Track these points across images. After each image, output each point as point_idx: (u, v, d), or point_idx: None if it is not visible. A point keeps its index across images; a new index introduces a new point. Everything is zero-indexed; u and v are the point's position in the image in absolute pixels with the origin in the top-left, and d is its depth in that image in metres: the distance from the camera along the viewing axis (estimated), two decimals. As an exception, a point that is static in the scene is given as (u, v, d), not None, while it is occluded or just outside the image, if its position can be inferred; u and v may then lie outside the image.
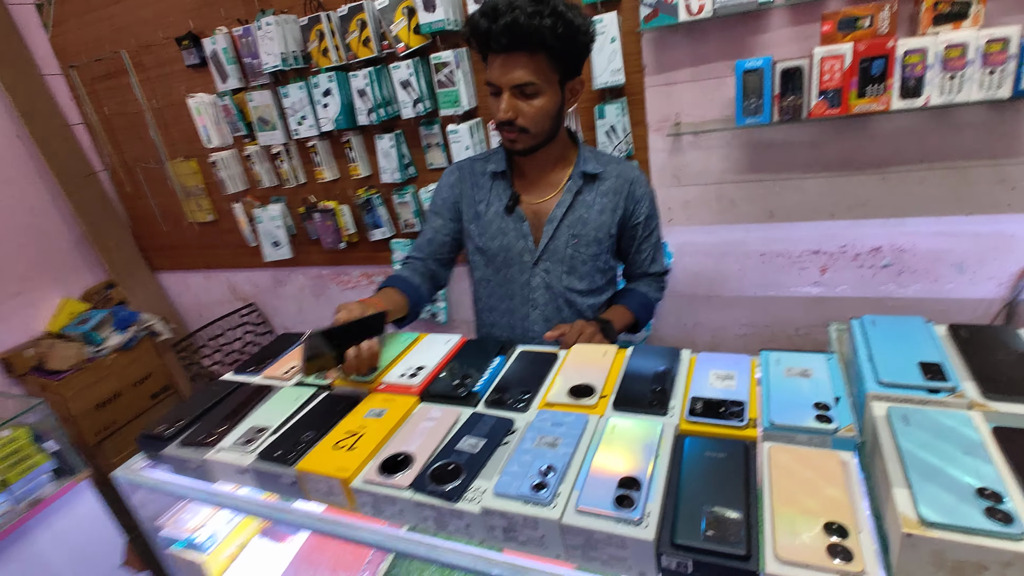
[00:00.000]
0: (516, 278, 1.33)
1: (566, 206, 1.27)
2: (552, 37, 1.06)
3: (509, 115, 1.13)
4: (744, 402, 0.85)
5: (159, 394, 2.99)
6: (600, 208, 1.27)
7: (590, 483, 0.74)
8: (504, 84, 1.11)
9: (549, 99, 1.14)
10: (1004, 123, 1.52)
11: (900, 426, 0.68)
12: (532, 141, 1.18)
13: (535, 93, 1.12)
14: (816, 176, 1.75)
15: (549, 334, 1.17)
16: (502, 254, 1.32)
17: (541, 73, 1.11)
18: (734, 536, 0.63)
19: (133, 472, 1.11)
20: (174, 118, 2.63)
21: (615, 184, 1.28)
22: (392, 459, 0.87)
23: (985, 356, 0.78)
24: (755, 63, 1.52)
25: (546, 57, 1.10)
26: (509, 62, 1.09)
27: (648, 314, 1.40)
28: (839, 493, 0.67)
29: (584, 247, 1.29)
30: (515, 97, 1.12)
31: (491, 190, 1.32)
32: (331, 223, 2.44)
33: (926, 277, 1.75)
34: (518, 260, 1.31)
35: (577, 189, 1.27)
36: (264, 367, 1.26)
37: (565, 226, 1.28)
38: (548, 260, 1.30)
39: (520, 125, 1.14)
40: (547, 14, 1.04)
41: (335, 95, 2.13)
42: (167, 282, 3.22)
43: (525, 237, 1.29)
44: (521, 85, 1.10)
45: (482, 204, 1.32)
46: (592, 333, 1.18)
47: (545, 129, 1.18)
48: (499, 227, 1.31)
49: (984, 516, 0.55)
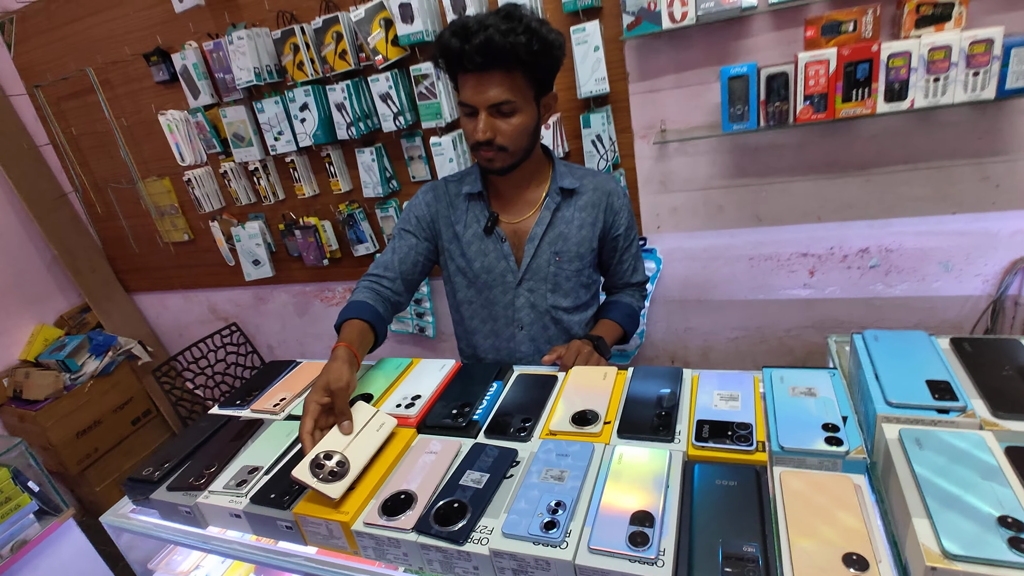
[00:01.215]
0: (499, 299, 1.30)
1: (545, 224, 1.25)
2: (527, 54, 1.04)
3: (488, 135, 1.10)
4: (751, 424, 0.84)
5: (140, 419, 2.91)
6: (579, 223, 1.26)
7: (601, 520, 0.72)
8: (481, 104, 1.08)
9: (526, 116, 1.12)
10: (987, 122, 1.53)
11: (913, 450, 0.67)
12: (510, 159, 1.15)
13: (512, 111, 1.10)
14: (802, 179, 1.75)
15: (547, 358, 1.15)
16: (483, 275, 1.29)
17: (517, 90, 1.08)
18: (752, 573, 0.62)
19: (121, 517, 1.06)
20: (145, 136, 2.55)
21: (593, 197, 1.26)
22: (394, 498, 0.84)
23: (991, 371, 0.77)
24: (740, 69, 1.52)
25: (521, 74, 1.08)
26: (484, 81, 1.07)
27: (634, 324, 1.39)
28: (855, 521, 0.66)
29: (567, 264, 1.27)
30: (492, 116, 1.10)
31: (467, 211, 1.28)
32: (313, 239, 2.39)
33: (913, 276, 1.77)
34: (500, 281, 1.29)
35: (555, 206, 1.25)
36: (252, 399, 1.22)
37: (546, 244, 1.26)
38: (531, 279, 1.28)
39: (499, 144, 1.11)
40: (520, 31, 1.02)
41: (312, 109, 2.08)
42: (144, 304, 3.13)
43: (507, 258, 1.27)
44: (498, 104, 1.08)
45: (459, 225, 1.29)
46: (589, 353, 1.17)
47: (523, 146, 1.15)
48: (479, 248, 1.28)
49: (1008, 547, 0.54)
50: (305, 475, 0.84)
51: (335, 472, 0.86)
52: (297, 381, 1.25)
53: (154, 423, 2.99)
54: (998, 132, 1.53)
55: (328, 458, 0.87)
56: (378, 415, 0.97)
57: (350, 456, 0.89)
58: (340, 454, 0.88)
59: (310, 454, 0.87)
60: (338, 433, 0.92)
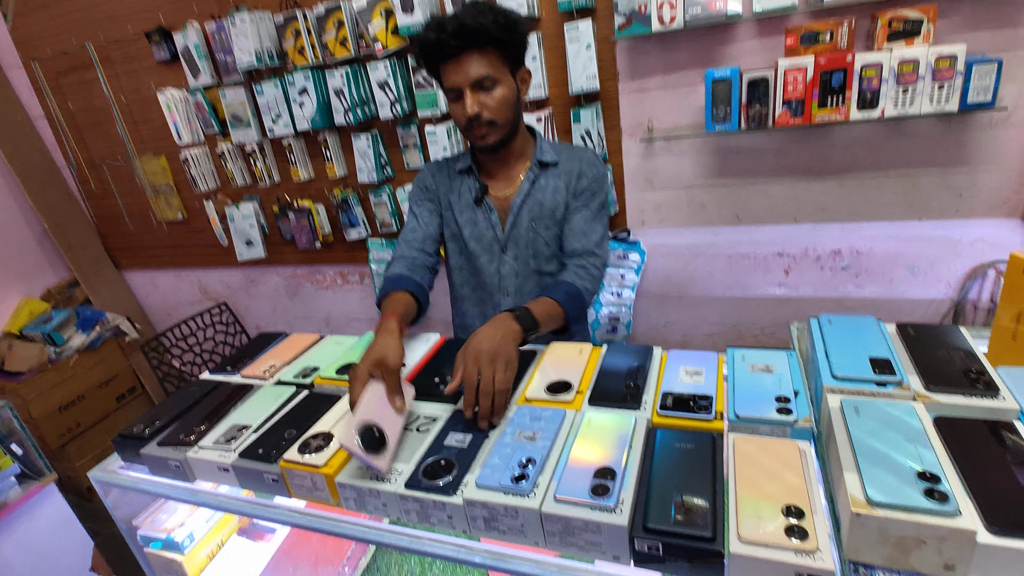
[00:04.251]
0: (486, 267, 1.39)
1: (524, 193, 1.34)
2: (498, 29, 1.16)
3: (476, 109, 1.19)
4: (711, 396, 0.90)
5: (125, 396, 2.92)
6: (554, 189, 1.34)
7: (567, 474, 0.78)
8: (464, 83, 1.18)
9: (507, 89, 1.22)
10: (952, 134, 1.62)
11: (852, 416, 0.74)
12: (501, 133, 1.25)
13: (493, 85, 1.20)
14: (780, 181, 1.83)
15: (450, 388, 0.96)
16: (472, 243, 1.38)
17: (494, 66, 1.19)
18: (701, 520, 0.68)
19: (109, 472, 1.10)
20: (143, 114, 2.57)
21: (567, 166, 1.35)
22: (369, 435, 0.85)
23: (929, 352, 0.85)
24: (724, 73, 1.59)
25: (495, 50, 1.19)
26: (463, 63, 1.17)
27: (577, 305, 1.23)
28: (797, 479, 0.72)
29: (543, 229, 1.35)
30: (476, 92, 1.19)
31: (462, 184, 1.39)
32: (306, 222, 2.43)
33: (881, 279, 1.85)
34: (488, 249, 1.38)
35: (534, 177, 1.34)
36: (242, 366, 1.26)
37: (524, 212, 1.34)
38: (514, 247, 1.37)
39: (487, 119, 1.21)
40: (487, 11, 1.15)
41: (311, 94, 2.13)
42: (134, 281, 3.15)
43: (494, 226, 1.36)
44: (480, 80, 1.18)
45: (453, 195, 1.40)
46: (492, 354, 0.95)
47: (509, 119, 1.25)
48: (469, 217, 1.38)
49: (923, 496, 0.61)
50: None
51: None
52: (287, 350, 1.29)
53: (139, 400, 3.00)
54: (961, 144, 1.61)
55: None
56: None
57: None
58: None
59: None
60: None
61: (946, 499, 0.59)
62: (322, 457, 0.89)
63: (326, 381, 1.11)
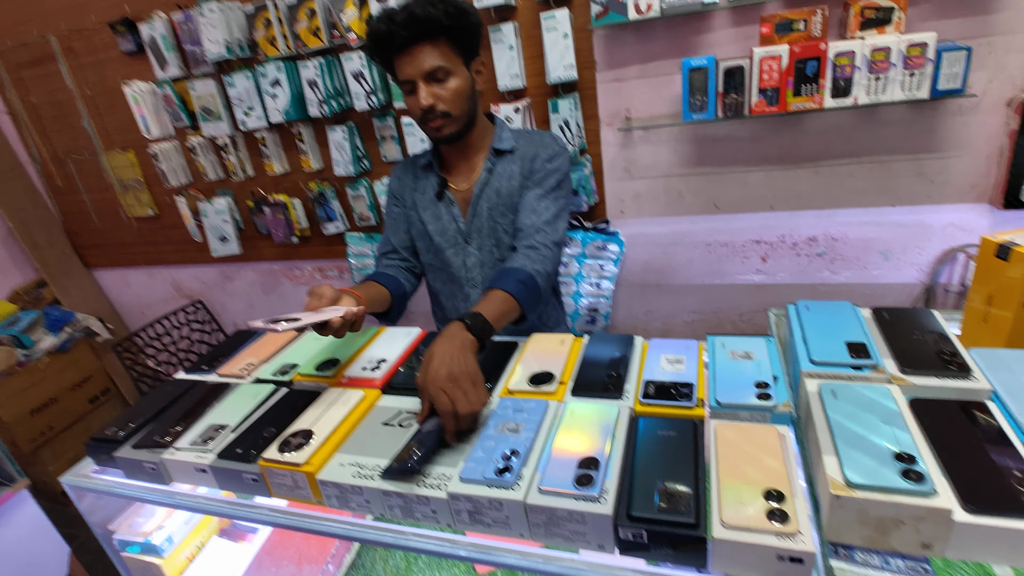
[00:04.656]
0: (453, 260, 1.39)
1: (483, 184, 1.33)
2: (448, 19, 1.14)
3: (430, 101, 1.18)
4: (693, 384, 0.90)
5: (99, 397, 2.86)
6: (510, 175, 1.33)
7: (551, 465, 0.78)
8: (417, 75, 1.17)
9: (461, 80, 1.21)
10: (923, 121, 1.65)
11: (829, 400, 0.75)
12: (456, 125, 1.24)
13: (447, 76, 1.19)
14: (757, 170, 1.84)
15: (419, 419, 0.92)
16: (437, 238, 1.38)
17: (447, 57, 1.18)
18: (684, 507, 0.68)
19: (82, 477, 1.07)
20: (109, 107, 2.49)
21: (524, 151, 1.33)
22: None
23: (903, 336, 0.86)
24: (700, 62, 1.59)
25: (446, 41, 1.17)
26: (415, 54, 1.16)
27: (530, 291, 1.15)
28: (777, 463, 0.73)
29: (501, 217, 1.34)
30: (430, 84, 1.18)
31: (425, 180, 1.39)
32: (282, 217, 2.39)
33: (856, 264, 1.88)
34: (453, 243, 1.38)
35: (491, 166, 1.33)
36: (219, 364, 1.24)
37: (483, 202, 1.34)
38: (477, 237, 1.36)
39: (442, 110, 1.20)
40: (437, 2, 1.14)
41: (284, 86, 2.08)
42: (105, 280, 3.07)
43: (455, 219, 1.36)
44: (432, 71, 1.17)
45: (418, 192, 1.40)
46: (451, 379, 0.89)
47: (465, 110, 1.24)
48: (433, 213, 1.38)
49: (901, 477, 0.62)
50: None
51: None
52: (264, 347, 1.27)
53: (113, 402, 2.94)
54: (932, 131, 1.65)
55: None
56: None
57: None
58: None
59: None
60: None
61: (923, 479, 0.60)
62: (303, 455, 0.87)
63: (305, 378, 1.10)
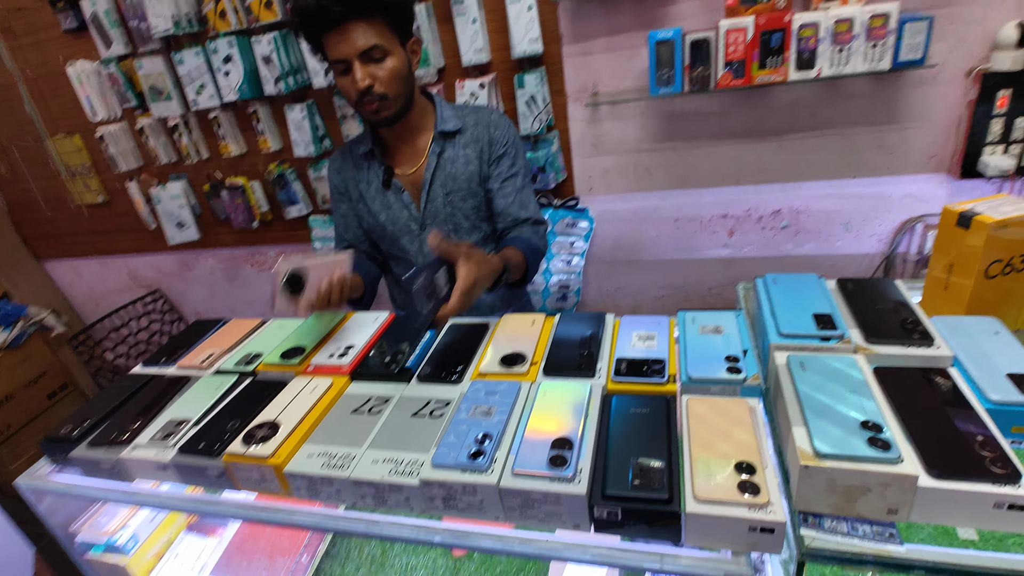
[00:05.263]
0: (409, 247, 1.36)
1: (433, 168, 1.30)
2: None
3: (367, 82, 1.13)
4: (664, 360, 0.90)
5: (57, 393, 2.75)
6: (465, 160, 1.30)
7: (525, 447, 0.77)
8: (352, 54, 1.11)
9: (397, 60, 1.16)
10: (884, 93, 1.67)
11: (798, 372, 0.75)
12: (394, 106, 1.19)
13: (383, 55, 1.14)
14: (724, 144, 1.85)
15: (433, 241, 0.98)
16: (390, 227, 1.34)
17: (383, 36, 1.13)
18: (658, 483, 0.69)
19: (39, 478, 1.02)
20: (52, 90, 2.35)
21: (475, 132, 1.30)
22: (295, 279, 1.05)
23: (868, 306, 0.87)
24: (667, 34, 1.57)
25: (382, 20, 1.12)
26: (348, 32, 1.10)
27: (535, 259, 1.28)
28: (747, 436, 0.73)
29: (460, 202, 1.32)
30: (365, 64, 1.13)
31: (368, 170, 1.33)
32: (241, 201, 2.30)
33: (819, 236, 1.92)
34: (407, 231, 1.34)
35: (440, 149, 1.30)
36: (178, 357, 1.19)
37: (437, 187, 1.30)
38: (432, 224, 1.33)
39: (379, 92, 1.15)
40: None
41: (237, 62, 1.99)
42: (56, 271, 2.93)
43: (407, 207, 1.32)
44: (368, 50, 1.11)
45: (363, 184, 1.34)
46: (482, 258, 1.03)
47: (402, 92, 1.19)
48: (382, 202, 1.33)
49: (867, 445, 0.63)
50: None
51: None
52: (226, 337, 1.22)
53: (72, 396, 2.83)
54: (893, 103, 1.67)
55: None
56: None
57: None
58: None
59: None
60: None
61: (888, 447, 0.61)
62: (269, 447, 0.85)
63: (270, 367, 1.06)
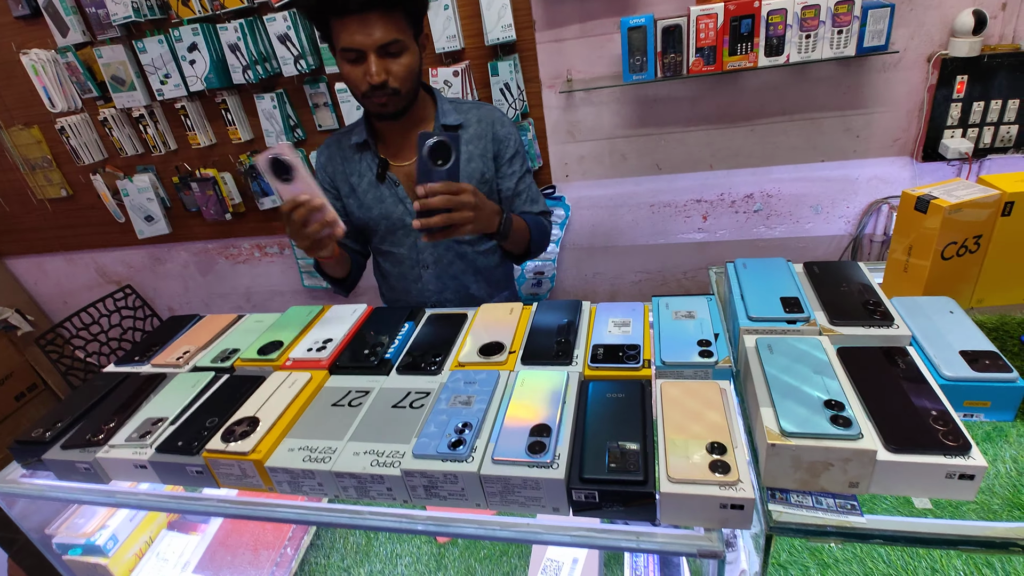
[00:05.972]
0: (402, 242, 1.33)
1: None
2: None
3: (383, 77, 1.09)
4: (639, 345, 0.93)
5: (25, 394, 2.69)
6: (468, 156, 1.28)
7: (504, 435, 0.78)
8: (370, 46, 1.07)
9: (413, 56, 1.13)
10: (850, 78, 1.70)
11: (766, 354, 0.78)
12: (403, 102, 1.16)
13: (400, 51, 1.10)
14: (696, 129, 1.87)
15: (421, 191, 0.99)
16: (383, 222, 1.31)
17: (402, 31, 1.09)
18: (633, 465, 0.71)
19: (10, 483, 1.01)
20: (6, 79, 2.26)
21: (478, 129, 1.28)
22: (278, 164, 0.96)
23: (832, 288, 0.91)
24: (639, 20, 1.58)
25: (401, 14, 1.08)
26: (368, 23, 1.05)
27: (541, 236, 1.32)
28: (719, 417, 0.76)
29: None
30: (383, 59, 1.09)
31: (360, 162, 1.29)
32: (212, 193, 2.26)
33: (789, 219, 1.96)
34: (401, 225, 1.31)
35: None
36: (153, 354, 1.17)
37: None
38: None
39: (392, 87, 1.12)
40: None
41: (203, 50, 1.94)
42: (19, 269, 2.84)
43: (403, 201, 1.29)
44: (387, 44, 1.07)
45: (354, 177, 1.30)
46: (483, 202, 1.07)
47: (412, 88, 1.17)
48: (375, 196, 1.29)
49: (830, 423, 0.66)
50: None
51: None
52: (201, 333, 1.21)
53: (42, 397, 2.77)
54: (859, 88, 1.71)
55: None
56: None
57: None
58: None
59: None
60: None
61: (850, 424, 0.64)
62: (249, 443, 0.85)
63: (248, 363, 1.06)
